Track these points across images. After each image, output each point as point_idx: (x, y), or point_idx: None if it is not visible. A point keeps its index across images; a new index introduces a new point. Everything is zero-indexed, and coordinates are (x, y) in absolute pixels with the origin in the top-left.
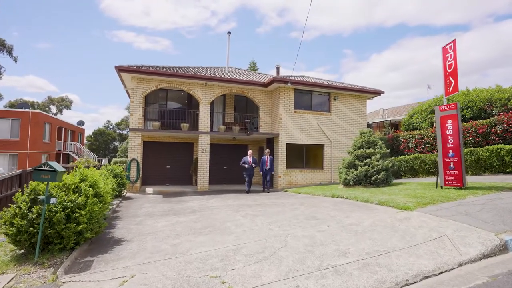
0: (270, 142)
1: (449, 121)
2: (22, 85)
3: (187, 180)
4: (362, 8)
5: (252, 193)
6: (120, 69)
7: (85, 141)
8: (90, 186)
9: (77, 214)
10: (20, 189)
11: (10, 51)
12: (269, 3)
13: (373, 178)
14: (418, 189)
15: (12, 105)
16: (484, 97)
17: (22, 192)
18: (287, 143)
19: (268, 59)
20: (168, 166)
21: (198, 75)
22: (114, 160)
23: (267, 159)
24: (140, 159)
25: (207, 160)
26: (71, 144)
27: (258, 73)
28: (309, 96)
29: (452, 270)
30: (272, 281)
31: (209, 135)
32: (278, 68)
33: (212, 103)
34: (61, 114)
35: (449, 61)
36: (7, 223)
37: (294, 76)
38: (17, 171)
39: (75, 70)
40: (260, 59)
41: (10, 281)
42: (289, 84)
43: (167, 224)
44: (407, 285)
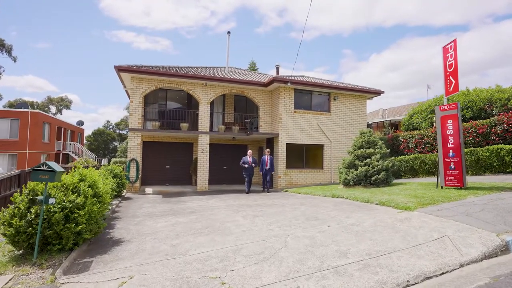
0: (270, 142)
1: (450, 121)
2: (22, 85)
3: (187, 180)
4: (362, 8)
5: (252, 193)
6: (120, 69)
7: (85, 141)
8: (89, 186)
9: (76, 215)
10: (19, 190)
11: (9, 51)
12: (269, 3)
13: (373, 178)
14: (419, 189)
15: (12, 105)
16: (484, 97)
17: (21, 193)
18: (287, 143)
19: (268, 59)
20: (168, 166)
21: (198, 75)
22: (114, 160)
23: (267, 159)
24: (140, 159)
25: (207, 160)
26: (71, 144)
27: (258, 73)
28: (309, 96)
29: (454, 271)
30: (273, 282)
31: (209, 135)
32: (278, 68)
33: (212, 103)
34: (61, 114)
35: (450, 61)
36: (6, 224)
37: (294, 76)
38: (16, 171)
39: (75, 70)
40: (260, 59)
41: (8, 282)
42: (289, 84)
43: (167, 225)
44: (408, 286)
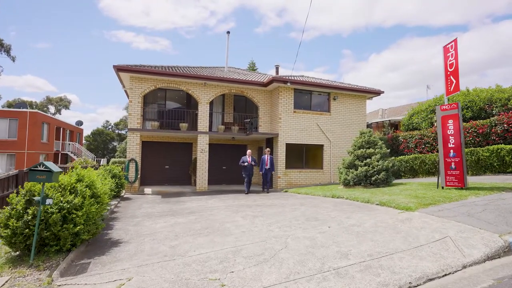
0: (270, 142)
1: (450, 121)
2: (20, 85)
3: (186, 180)
4: (362, 8)
5: (252, 194)
6: (119, 69)
7: (84, 141)
8: (87, 187)
9: (74, 215)
10: (15, 190)
11: (8, 51)
12: (268, 3)
13: (373, 178)
14: (419, 190)
15: (10, 105)
16: (484, 97)
17: (17, 193)
18: (287, 143)
19: (267, 59)
20: (167, 166)
21: (197, 75)
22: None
23: (267, 158)
24: (139, 159)
25: (206, 160)
26: (70, 144)
27: (258, 73)
28: (309, 96)
29: (456, 273)
30: (273, 284)
31: (208, 135)
32: (278, 68)
33: (211, 103)
34: (60, 114)
35: (450, 61)
36: (2, 225)
37: (294, 76)
38: (14, 172)
39: (74, 70)
40: (259, 59)
41: (4, 284)
42: (289, 84)
43: (166, 225)
44: None
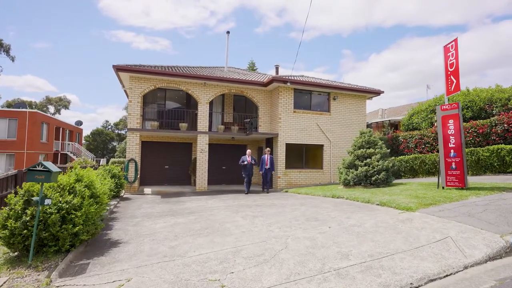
0: (269, 142)
1: (451, 121)
2: (20, 85)
3: (186, 180)
4: (362, 8)
5: (251, 194)
6: (118, 68)
7: (83, 141)
8: (86, 187)
9: (73, 216)
10: (13, 191)
11: (8, 51)
12: (268, 3)
13: (374, 179)
14: (419, 190)
15: (10, 105)
16: (484, 97)
17: (16, 194)
18: (287, 143)
19: (267, 59)
20: (167, 166)
21: (197, 75)
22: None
23: (267, 158)
24: (138, 159)
25: (206, 160)
26: (69, 144)
27: (257, 73)
28: (309, 96)
29: (458, 273)
30: (273, 285)
31: (208, 135)
32: (277, 68)
33: (211, 103)
34: (59, 114)
35: (451, 60)
36: (0, 226)
37: (294, 76)
38: (13, 172)
39: (74, 70)
40: (259, 59)
41: (3, 285)
42: (289, 84)
43: (165, 225)
44: None
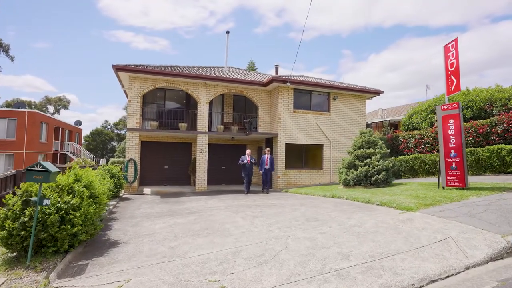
0: (269, 142)
1: (451, 121)
2: (19, 85)
3: (185, 181)
4: (361, 8)
5: (251, 194)
6: (118, 68)
7: (83, 141)
8: (85, 187)
9: (72, 216)
10: (11, 191)
11: (7, 50)
12: (268, 4)
13: (374, 179)
14: (420, 190)
15: (9, 105)
16: (484, 97)
17: (14, 194)
18: (286, 143)
19: (267, 59)
20: (166, 166)
21: (197, 75)
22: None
23: (267, 158)
24: (138, 159)
25: (206, 160)
26: (69, 144)
27: (257, 73)
28: (308, 96)
29: (459, 274)
30: (274, 286)
31: (208, 135)
32: (277, 68)
33: (211, 103)
34: (59, 114)
35: (451, 60)
36: None
37: (293, 76)
38: (12, 172)
39: (73, 70)
40: (259, 59)
41: (1, 286)
42: (288, 84)
43: (165, 226)
44: None
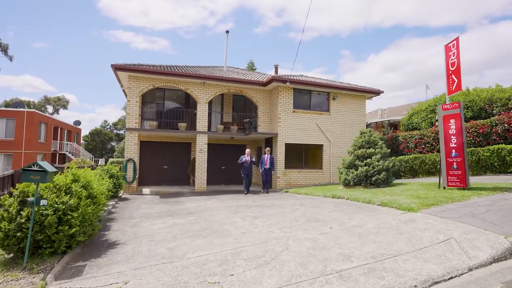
0: (269, 142)
1: (452, 120)
2: (18, 85)
3: (185, 181)
4: (361, 9)
5: (251, 194)
6: (117, 68)
7: (82, 141)
8: (83, 187)
9: (69, 217)
10: (6, 191)
11: (6, 50)
12: (267, 4)
13: (374, 179)
14: (420, 190)
15: (7, 105)
16: (485, 97)
17: (10, 194)
18: (286, 143)
19: (266, 60)
20: (166, 166)
21: (196, 74)
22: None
23: (267, 158)
24: (137, 159)
25: (205, 160)
26: (68, 144)
27: (257, 73)
28: (308, 96)
29: (462, 275)
30: None
31: (207, 135)
32: (277, 68)
33: (210, 103)
34: (58, 114)
35: (452, 59)
36: None
37: (293, 76)
38: (9, 172)
39: (72, 70)
40: (258, 60)
41: None
42: (288, 84)
43: (164, 226)
44: None
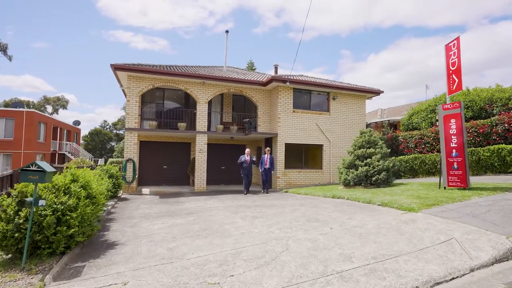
0: (269, 142)
1: (453, 120)
2: (18, 85)
3: (184, 181)
4: (361, 9)
5: (251, 194)
6: (116, 67)
7: (81, 141)
8: (82, 187)
9: (68, 217)
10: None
11: (5, 50)
12: (267, 4)
13: (374, 179)
14: (421, 190)
15: (7, 105)
16: (485, 97)
17: (8, 195)
18: (286, 143)
19: (266, 60)
20: (165, 166)
21: (195, 74)
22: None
23: (267, 158)
24: (137, 159)
25: (205, 160)
26: (67, 144)
27: (256, 73)
28: (308, 96)
29: (464, 276)
30: None
31: (207, 135)
32: (277, 68)
33: (210, 103)
34: (57, 114)
35: (453, 59)
36: None
37: (293, 76)
38: (8, 172)
39: (72, 70)
40: (258, 60)
41: None
42: (288, 83)
43: (163, 227)
44: None
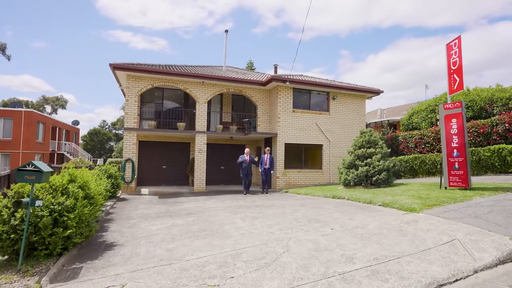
0: (268, 142)
1: (454, 120)
2: (17, 85)
3: (184, 181)
4: (360, 9)
5: (250, 194)
6: (115, 67)
7: (80, 141)
8: (80, 187)
9: (65, 218)
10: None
11: (3, 50)
12: (266, 4)
13: (374, 179)
14: (422, 190)
15: (5, 104)
16: (485, 97)
17: (4, 195)
18: (286, 143)
19: (265, 60)
20: (164, 166)
21: (195, 73)
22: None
23: (267, 158)
24: (136, 159)
25: (204, 160)
26: (66, 144)
27: (256, 72)
28: (308, 96)
29: (468, 278)
30: None
31: (206, 135)
32: (276, 67)
33: (209, 102)
34: (56, 114)
35: (454, 58)
36: None
37: (293, 76)
38: (6, 172)
39: (71, 70)
40: (257, 60)
41: None
42: (288, 83)
43: (162, 227)
44: None
